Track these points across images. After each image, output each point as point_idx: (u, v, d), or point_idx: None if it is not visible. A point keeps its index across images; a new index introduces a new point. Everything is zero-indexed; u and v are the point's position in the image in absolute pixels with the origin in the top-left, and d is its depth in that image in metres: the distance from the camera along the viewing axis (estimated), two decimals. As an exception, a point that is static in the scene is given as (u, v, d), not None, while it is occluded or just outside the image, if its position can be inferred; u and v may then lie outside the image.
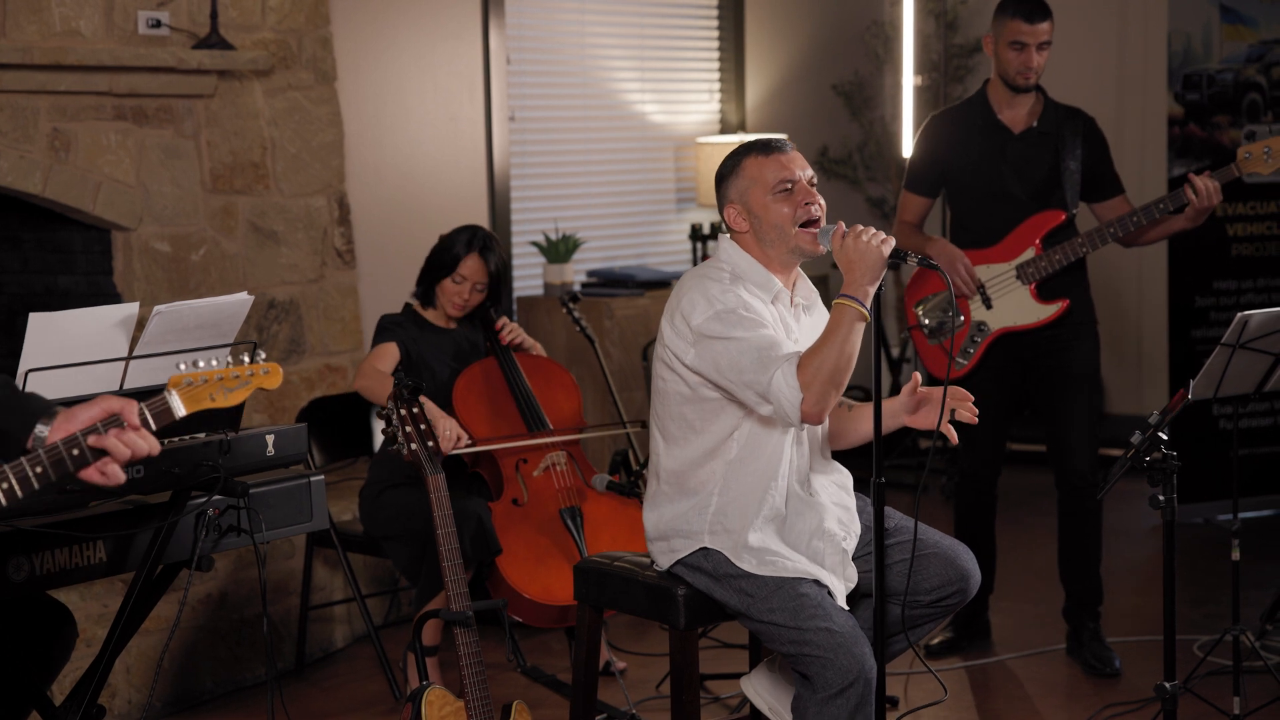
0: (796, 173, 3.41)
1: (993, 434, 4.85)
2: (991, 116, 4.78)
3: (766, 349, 3.26)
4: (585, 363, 6.06)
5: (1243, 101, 6.36)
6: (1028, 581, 5.56)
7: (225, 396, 2.75)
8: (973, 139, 4.78)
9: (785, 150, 3.44)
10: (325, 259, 5.45)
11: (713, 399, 3.37)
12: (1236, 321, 3.81)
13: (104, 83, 4.70)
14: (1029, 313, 4.73)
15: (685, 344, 3.35)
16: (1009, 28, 4.67)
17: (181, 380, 2.72)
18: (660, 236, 7.26)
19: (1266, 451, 6.41)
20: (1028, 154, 4.76)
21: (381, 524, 4.56)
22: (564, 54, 6.86)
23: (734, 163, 3.47)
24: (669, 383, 3.42)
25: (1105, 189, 4.82)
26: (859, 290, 3.26)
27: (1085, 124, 4.79)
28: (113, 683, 4.40)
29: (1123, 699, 4.47)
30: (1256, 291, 6.38)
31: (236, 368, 2.77)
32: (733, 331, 3.29)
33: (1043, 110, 4.78)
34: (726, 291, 3.35)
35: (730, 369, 3.29)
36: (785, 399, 3.22)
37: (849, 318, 3.24)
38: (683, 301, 3.38)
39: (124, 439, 2.68)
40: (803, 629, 3.23)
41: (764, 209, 3.40)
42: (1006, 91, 4.75)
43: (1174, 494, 3.57)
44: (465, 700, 3.64)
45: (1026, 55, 4.67)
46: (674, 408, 3.42)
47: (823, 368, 3.22)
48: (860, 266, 3.27)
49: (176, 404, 2.72)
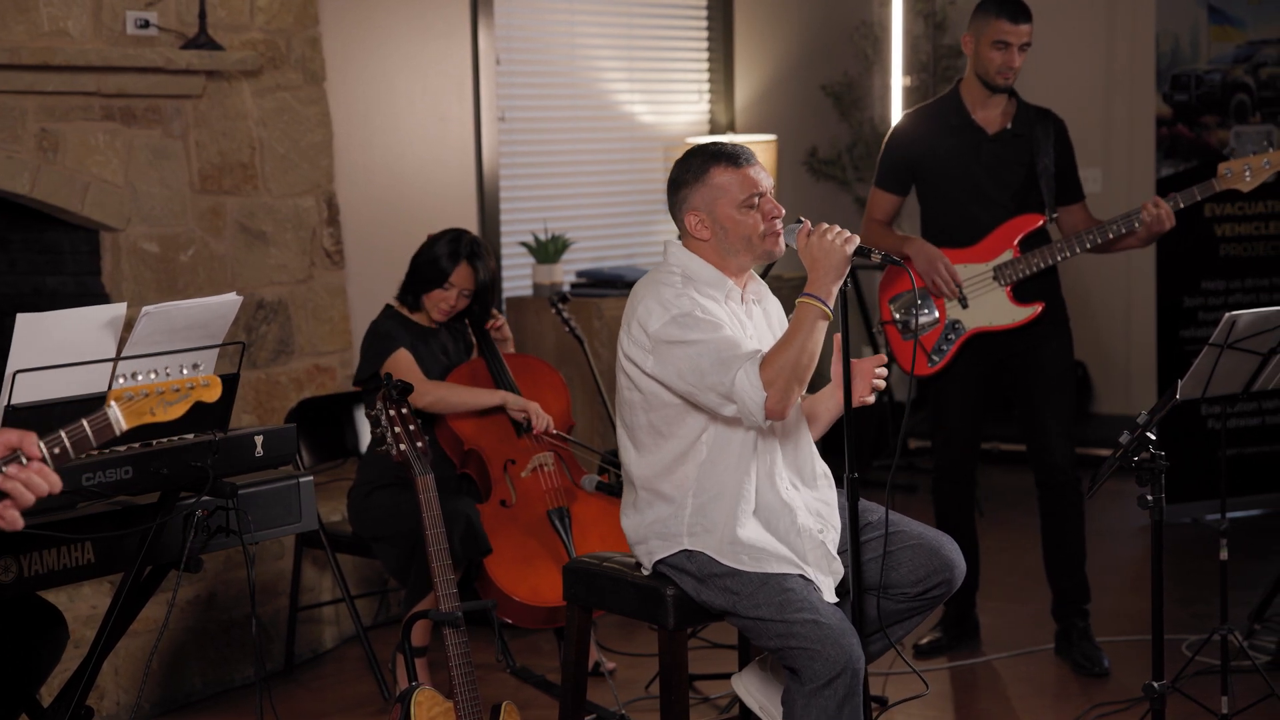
0: (762, 184, 3.43)
1: (968, 429, 4.87)
2: (966, 116, 4.78)
3: (726, 349, 3.27)
4: (574, 363, 6.06)
5: (1231, 102, 6.37)
6: (1016, 581, 5.57)
7: (165, 410, 2.69)
8: (946, 138, 4.78)
9: (751, 162, 3.44)
10: (314, 259, 5.44)
11: (675, 404, 3.38)
12: (1224, 322, 3.82)
13: (92, 83, 4.69)
14: (1005, 314, 4.74)
15: (644, 352, 3.36)
16: (993, 27, 4.67)
17: (123, 394, 2.65)
18: (649, 237, 7.26)
19: (1254, 451, 6.42)
20: (1002, 155, 4.76)
21: (370, 525, 4.56)
22: (553, 54, 6.86)
23: (699, 171, 3.44)
24: (632, 391, 3.43)
25: (1068, 194, 4.83)
26: (822, 289, 3.28)
27: (1056, 125, 4.81)
28: (101, 684, 4.40)
29: (1111, 699, 4.48)
30: (1244, 292, 6.40)
31: (176, 380, 2.71)
32: (690, 334, 3.30)
33: (1016, 111, 4.79)
34: (680, 295, 3.36)
35: (691, 373, 3.29)
36: (749, 398, 3.23)
37: (811, 316, 3.25)
38: (638, 309, 3.39)
39: (24, 479, 2.56)
40: (789, 622, 3.24)
41: (731, 221, 3.41)
42: (982, 91, 4.76)
43: (1162, 494, 3.58)
44: (454, 701, 3.64)
45: (1009, 55, 4.68)
46: (640, 415, 3.43)
47: (785, 366, 3.23)
48: (824, 265, 3.28)
49: (117, 417, 2.65)
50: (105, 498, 3.24)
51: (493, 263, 4.68)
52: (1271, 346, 3.96)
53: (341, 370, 5.48)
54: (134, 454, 3.23)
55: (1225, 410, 4.31)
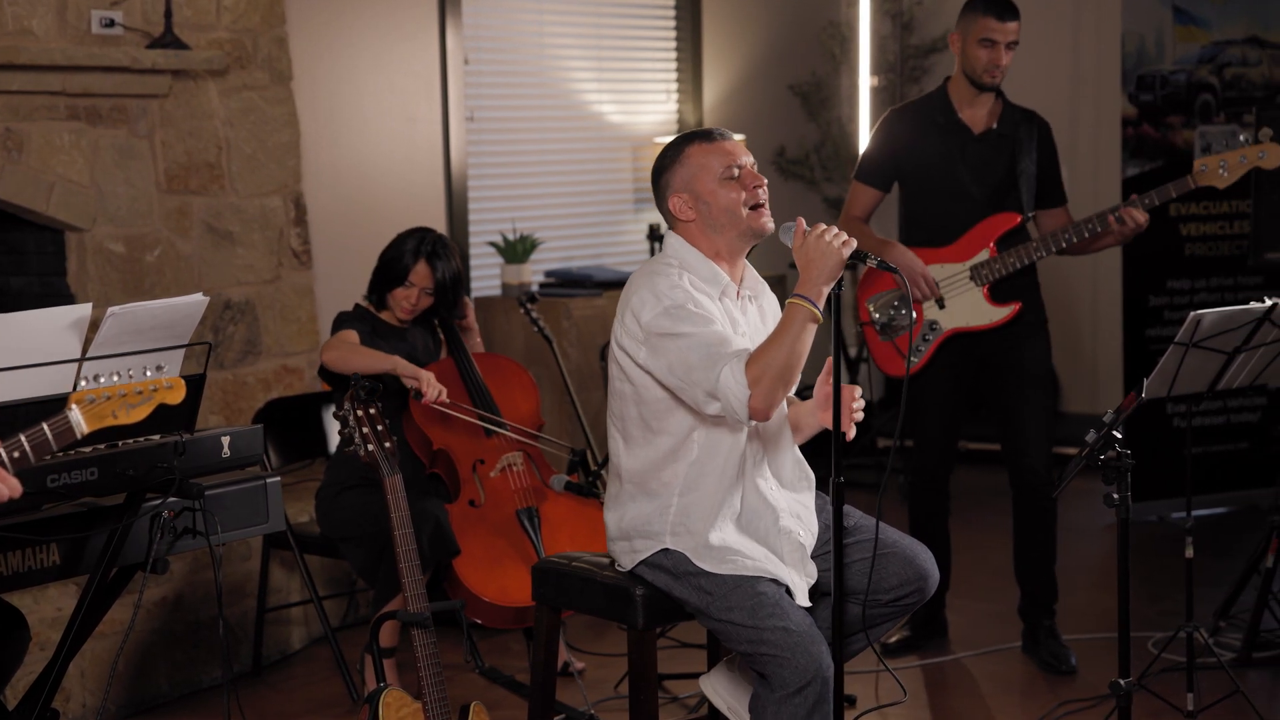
0: (741, 158, 3.42)
1: (945, 432, 4.88)
2: (953, 115, 4.79)
3: (715, 345, 3.26)
4: (543, 363, 6.06)
5: (1195, 102, 6.41)
6: (984, 580, 5.59)
7: (128, 413, 2.66)
8: (932, 136, 4.80)
9: (727, 137, 3.45)
10: (281, 259, 5.42)
11: (663, 398, 3.37)
12: (1189, 321, 3.84)
13: (57, 82, 4.67)
14: (982, 314, 4.75)
15: (637, 343, 3.35)
16: (980, 24, 4.68)
17: (84, 397, 2.62)
18: (618, 236, 7.26)
19: (1219, 450, 6.46)
20: (987, 155, 4.78)
21: (338, 525, 4.55)
22: (522, 54, 6.86)
23: (676, 153, 3.45)
24: (624, 383, 3.42)
25: (1050, 197, 4.84)
26: (813, 290, 3.26)
27: (1040, 127, 4.82)
28: (67, 686, 4.37)
29: (1078, 696, 4.50)
30: (1210, 291, 6.43)
31: (139, 383, 2.68)
32: (681, 327, 3.29)
33: (1002, 111, 4.81)
34: (675, 287, 3.34)
35: (680, 366, 3.28)
36: (733, 395, 3.22)
37: (801, 317, 3.24)
38: (632, 300, 3.38)
39: None
40: (760, 628, 3.24)
41: (713, 195, 3.40)
42: (969, 90, 4.77)
43: (1128, 492, 3.59)
44: (423, 701, 3.63)
45: (996, 53, 4.69)
46: (631, 408, 3.42)
47: (771, 365, 3.21)
48: (818, 266, 3.26)
49: (78, 421, 2.62)
50: (71, 499, 3.22)
51: (456, 262, 4.67)
52: (1236, 345, 3.98)
53: (309, 371, 5.47)
54: (100, 455, 3.21)
55: (1191, 409, 4.33)
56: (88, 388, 2.63)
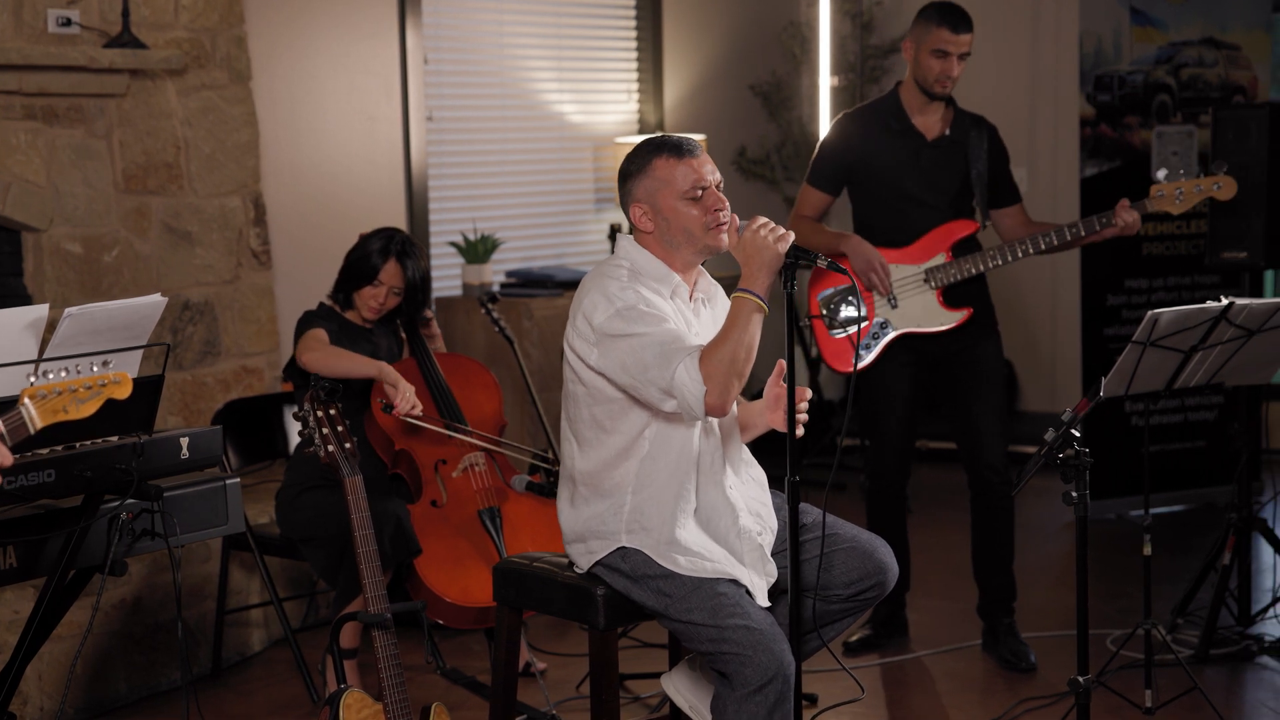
0: (707, 177, 3.41)
1: (902, 432, 4.89)
2: (906, 121, 4.81)
3: (669, 343, 3.27)
4: (505, 363, 6.05)
5: (1153, 102, 6.45)
6: (943, 579, 5.61)
7: (77, 408, 2.67)
8: (886, 142, 4.81)
9: (696, 154, 3.42)
10: (241, 260, 5.40)
11: (618, 398, 3.38)
12: (1147, 320, 3.87)
13: (13, 81, 4.64)
14: (934, 318, 4.77)
15: (589, 345, 3.36)
16: (934, 35, 4.70)
17: (36, 392, 2.63)
18: (579, 236, 7.25)
19: (1177, 448, 6.51)
20: (940, 161, 4.80)
21: (299, 526, 4.53)
22: (482, 54, 6.85)
23: (643, 162, 3.44)
24: (576, 385, 3.43)
25: (1003, 196, 4.87)
26: (756, 284, 3.29)
27: (989, 130, 4.85)
28: (24, 690, 4.34)
29: (1037, 693, 4.52)
30: (1167, 290, 6.48)
31: (88, 378, 2.69)
32: (634, 327, 3.30)
33: (954, 118, 4.83)
34: (625, 289, 3.35)
35: (635, 365, 3.29)
36: (689, 392, 3.23)
37: (746, 310, 3.27)
38: (584, 302, 3.38)
39: None
40: (721, 627, 3.24)
41: (674, 213, 3.40)
42: (920, 97, 4.79)
43: (1086, 490, 3.62)
44: (384, 703, 3.62)
45: (948, 64, 4.71)
46: (584, 410, 3.42)
47: (724, 359, 3.23)
48: (756, 260, 3.29)
49: (31, 415, 2.63)
50: (27, 501, 3.20)
51: (424, 262, 4.66)
52: (1193, 344, 4.01)
53: (269, 371, 5.44)
54: (57, 457, 3.19)
55: (1148, 407, 4.36)
56: (39, 383, 2.62)
